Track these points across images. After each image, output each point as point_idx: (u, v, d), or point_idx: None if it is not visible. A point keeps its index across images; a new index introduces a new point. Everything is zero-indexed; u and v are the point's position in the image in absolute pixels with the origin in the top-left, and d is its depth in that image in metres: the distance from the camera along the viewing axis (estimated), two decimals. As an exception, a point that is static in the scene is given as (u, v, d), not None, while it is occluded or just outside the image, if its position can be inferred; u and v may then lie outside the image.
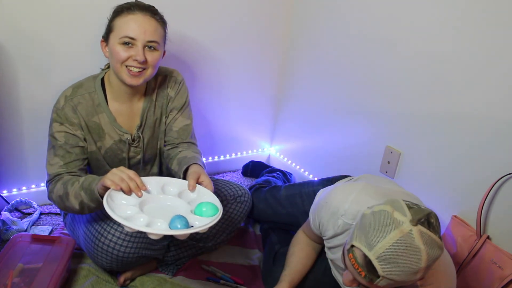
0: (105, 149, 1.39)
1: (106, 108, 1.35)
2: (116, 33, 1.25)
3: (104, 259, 1.34)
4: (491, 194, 1.38)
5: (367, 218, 0.94)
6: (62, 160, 1.29)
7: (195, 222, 1.05)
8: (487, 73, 1.35)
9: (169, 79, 1.46)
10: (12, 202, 1.70)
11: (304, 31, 2.00)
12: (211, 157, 2.19)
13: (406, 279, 0.89)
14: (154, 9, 1.29)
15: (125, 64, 1.25)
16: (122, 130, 1.38)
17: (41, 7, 1.48)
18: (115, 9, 1.28)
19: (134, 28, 1.23)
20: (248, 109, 2.16)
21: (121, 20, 1.24)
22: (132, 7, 1.25)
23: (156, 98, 1.44)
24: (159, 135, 1.48)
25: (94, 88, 1.34)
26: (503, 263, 1.31)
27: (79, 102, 1.31)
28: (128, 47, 1.24)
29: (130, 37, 1.23)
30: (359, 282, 0.97)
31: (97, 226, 1.34)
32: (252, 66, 2.06)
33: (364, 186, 1.18)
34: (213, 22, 1.84)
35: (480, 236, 1.39)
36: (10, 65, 1.51)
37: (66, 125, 1.30)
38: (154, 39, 1.25)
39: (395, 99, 1.65)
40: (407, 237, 0.87)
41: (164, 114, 1.47)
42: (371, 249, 0.89)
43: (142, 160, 1.45)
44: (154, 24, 1.26)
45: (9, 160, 1.65)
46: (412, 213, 0.91)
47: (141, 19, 1.24)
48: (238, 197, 1.60)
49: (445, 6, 1.43)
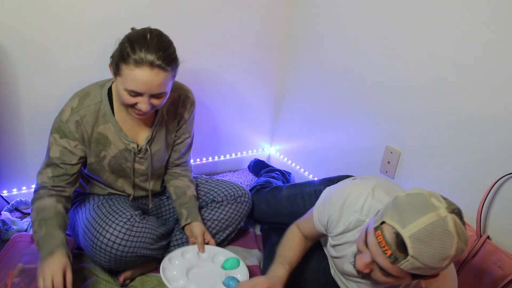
0: (109, 157, 1.38)
1: (112, 118, 1.33)
2: (123, 80, 1.19)
3: (102, 258, 1.34)
4: (491, 194, 1.38)
5: (401, 199, 0.92)
6: (51, 172, 1.30)
7: (237, 275, 1.33)
8: (487, 73, 1.35)
9: (185, 99, 1.45)
10: (12, 202, 1.70)
11: (304, 31, 2.00)
12: (211, 157, 2.19)
13: (433, 264, 0.87)
14: (165, 58, 1.18)
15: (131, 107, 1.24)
16: (128, 139, 1.37)
17: (41, 8, 1.48)
18: (123, 49, 1.17)
19: (140, 85, 1.17)
20: (248, 109, 2.16)
21: (127, 71, 1.17)
22: (140, 59, 1.15)
23: (167, 114, 1.43)
24: (167, 149, 1.49)
25: (100, 98, 1.32)
26: (503, 263, 1.31)
27: (85, 114, 1.29)
28: (134, 96, 1.21)
29: (136, 91, 1.19)
30: (377, 265, 0.94)
31: (96, 224, 1.34)
32: (252, 66, 2.06)
33: (377, 183, 1.17)
34: (213, 22, 1.84)
35: (480, 236, 1.39)
36: (10, 65, 1.51)
37: (66, 139, 1.29)
38: (160, 91, 1.21)
39: (395, 99, 1.65)
40: (443, 221, 0.86)
41: (174, 132, 1.47)
42: (405, 227, 0.87)
43: (149, 173, 1.46)
44: (162, 77, 1.18)
45: (9, 160, 1.65)
46: (446, 202, 0.91)
47: (148, 76, 1.16)
48: (238, 197, 1.60)
49: (445, 6, 1.43)
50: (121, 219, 1.34)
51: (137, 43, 1.16)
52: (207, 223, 1.55)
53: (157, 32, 1.21)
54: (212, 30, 1.86)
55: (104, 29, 1.58)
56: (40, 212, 1.26)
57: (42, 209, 1.26)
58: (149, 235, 1.38)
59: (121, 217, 1.35)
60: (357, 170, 1.74)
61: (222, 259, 1.41)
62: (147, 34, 1.18)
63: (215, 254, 1.43)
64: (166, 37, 1.23)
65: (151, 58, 1.15)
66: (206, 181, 1.67)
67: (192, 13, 1.78)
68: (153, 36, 1.18)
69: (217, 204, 1.58)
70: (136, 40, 1.17)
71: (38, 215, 1.25)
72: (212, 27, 1.85)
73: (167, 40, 1.22)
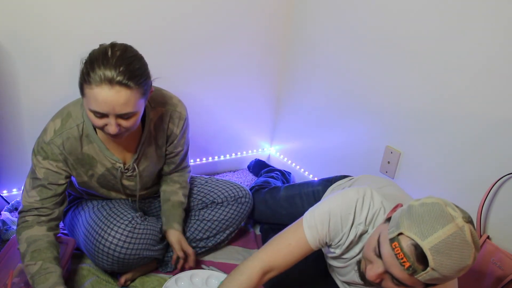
0: (97, 176, 1.35)
1: (95, 137, 1.27)
2: (86, 101, 1.12)
3: (105, 261, 1.33)
4: (491, 194, 1.38)
5: (418, 208, 0.91)
6: (39, 195, 1.24)
7: None
8: (487, 73, 1.35)
9: (173, 114, 1.37)
10: (12, 202, 1.70)
11: (304, 31, 2.00)
12: (211, 157, 2.19)
13: (451, 274, 0.86)
14: (127, 74, 1.08)
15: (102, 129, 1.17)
16: (114, 158, 1.31)
17: (41, 8, 1.48)
18: (83, 69, 1.10)
19: (102, 106, 1.08)
20: (248, 109, 2.16)
21: (88, 91, 1.09)
22: (98, 78, 1.06)
23: (155, 129, 1.37)
24: (157, 164, 1.45)
25: (82, 118, 1.25)
26: (503, 263, 1.31)
27: (67, 137, 1.23)
28: (100, 118, 1.12)
29: (99, 112, 1.11)
30: (389, 275, 0.93)
31: (98, 228, 1.33)
32: (252, 66, 2.06)
33: (371, 189, 1.13)
34: (213, 21, 1.84)
35: (480, 236, 1.39)
36: (10, 65, 1.51)
37: (49, 161, 1.23)
38: (125, 112, 1.11)
39: (395, 99, 1.64)
40: (461, 231, 0.86)
41: (164, 146, 1.42)
42: (425, 239, 0.86)
43: (137, 188, 1.42)
44: (124, 95, 1.08)
45: (9, 160, 1.65)
46: (460, 211, 0.90)
47: (108, 95, 1.07)
48: (239, 198, 1.60)
49: (446, 6, 1.43)
50: (122, 221, 1.34)
51: (97, 60, 1.08)
52: (207, 223, 1.55)
53: (120, 47, 1.12)
54: (211, 29, 1.85)
55: (104, 32, 1.58)
56: (32, 244, 1.20)
57: (34, 240, 1.20)
58: (151, 236, 1.38)
59: (123, 220, 1.34)
60: (357, 170, 1.74)
61: (215, 282, 1.41)
62: (109, 50, 1.09)
63: (208, 278, 1.43)
64: (131, 51, 1.13)
65: (110, 75, 1.06)
66: (206, 181, 1.66)
67: (192, 12, 1.78)
68: (114, 51, 1.09)
69: (218, 205, 1.58)
70: (96, 57, 1.09)
71: (29, 247, 1.19)
72: (212, 26, 1.85)
73: (132, 54, 1.12)
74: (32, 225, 1.23)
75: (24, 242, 1.21)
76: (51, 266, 1.18)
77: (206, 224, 1.55)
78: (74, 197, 1.51)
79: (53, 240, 1.24)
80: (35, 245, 1.20)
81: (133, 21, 1.65)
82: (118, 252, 1.31)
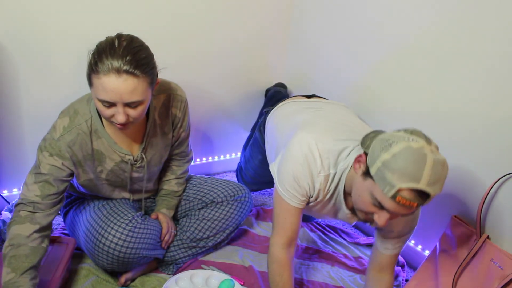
0: (106, 172, 1.35)
1: (104, 133, 1.29)
2: (94, 91, 1.14)
3: (105, 260, 1.34)
4: (491, 194, 1.38)
5: (395, 161, 0.99)
6: (40, 190, 1.22)
7: None
8: (487, 73, 1.35)
9: (174, 97, 1.40)
10: (12, 202, 1.70)
11: (304, 30, 2.00)
12: (210, 157, 2.19)
13: (440, 190, 1.01)
14: (134, 63, 1.11)
15: (110, 119, 1.19)
16: (123, 151, 1.33)
17: (42, 7, 1.48)
18: (91, 60, 1.13)
19: (110, 94, 1.11)
20: (248, 109, 2.16)
21: (96, 81, 1.12)
22: (106, 68, 1.09)
23: (159, 117, 1.39)
24: (163, 151, 1.46)
25: (89, 114, 1.26)
26: (503, 263, 1.31)
27: (78, 133, 1.25)
28: (108, 107, 1.15)
29: (108, 101, 1.13)
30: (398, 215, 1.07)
31: (98, 227, 1.34)
32: (252, 66, 2.06)
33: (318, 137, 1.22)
34: (212, 21, 1.84)
35: (480, 236, 1.39)
36: (10, 65, 1.51)
37: (55, 158, 1.23)
38: (132, 100, 1.13)
39: (394, 99, 1.65)
40: (435, 155, 1.00)
41: (170, 132, 1.44)
42: (419, 181, 0.97)
43: (144, 178, 1.44)
44: (132, 84, 1.11)
45: (9, 160, 1.65)
46: (420, 137, 1.03)
47: (116, 83, 1.10)
48: (239, 197, 1.60)
49: (446, 5, 1.43)
50: (123, 220, 1.34)
51: (104, 51, 1.11)
52: (207, 223, 1.55)
53: (127, 37, 1.15)
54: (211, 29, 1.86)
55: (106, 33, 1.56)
56: (14, 247, 1.17)
57: (18, 245, 1.17)
58: (151, 236, 1.38)
59: (123, 219, 1.35)
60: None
61: (215, 282, 1.43)
62: (115, 41, 1.13)
63: (208, 278, 1.45)
64: (137, 42, 1.16)
65: (117, 64, 1.09)
66: (206, 181, 1.66)
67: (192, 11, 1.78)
68: (121, 42, 1.12)
69: (218, 205, 1.58)
70: (103, 48, 1.12)
71: (10, 251, 1.16)
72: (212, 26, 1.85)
73: (138, 44, 1.15)
74: (24, 222, 1.20)
75: (9, 241, 1.18)
76: (22, 280, 1.14)
77: (206, 224, 1.55)
78: (76, 197, 1.51)
79: (37, 246, 1.20)
80: (16, 250, 1.17)
81: (134, 24, 1.65)
82: (118, 251, 1.31)
